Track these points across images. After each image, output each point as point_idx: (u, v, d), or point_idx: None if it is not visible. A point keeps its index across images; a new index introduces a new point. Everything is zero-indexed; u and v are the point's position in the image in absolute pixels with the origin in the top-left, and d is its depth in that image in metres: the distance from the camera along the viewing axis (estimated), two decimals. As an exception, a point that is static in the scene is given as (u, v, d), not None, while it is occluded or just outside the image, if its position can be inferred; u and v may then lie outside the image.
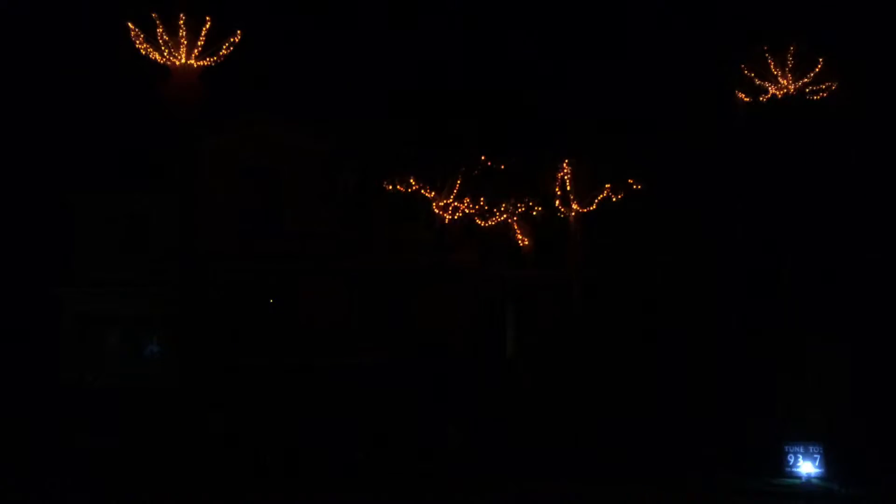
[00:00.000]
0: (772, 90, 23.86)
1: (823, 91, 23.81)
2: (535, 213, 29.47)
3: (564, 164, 28.51)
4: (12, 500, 18.09)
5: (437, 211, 28.32)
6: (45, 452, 22.18)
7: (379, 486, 19.28)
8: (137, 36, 23.47)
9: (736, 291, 28.80)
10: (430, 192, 28.20)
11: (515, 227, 30.30)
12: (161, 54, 23.55)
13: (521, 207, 29.44)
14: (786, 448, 19.95)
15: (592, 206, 28.63)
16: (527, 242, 30.62)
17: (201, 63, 23.78)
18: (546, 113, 31.54)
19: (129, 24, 23.37)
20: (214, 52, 23.83)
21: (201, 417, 23.40)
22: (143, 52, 23.57)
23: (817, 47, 23.66)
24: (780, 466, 19.88)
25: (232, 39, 23.83)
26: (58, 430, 23.82)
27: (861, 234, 27.38)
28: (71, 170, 31.94)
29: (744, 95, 24.18)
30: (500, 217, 29.45)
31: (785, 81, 23.76)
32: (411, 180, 28.10)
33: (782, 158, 24.01)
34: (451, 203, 28.31)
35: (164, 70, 23.79)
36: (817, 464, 19.65)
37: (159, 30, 23.45)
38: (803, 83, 23.58)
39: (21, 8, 33.58)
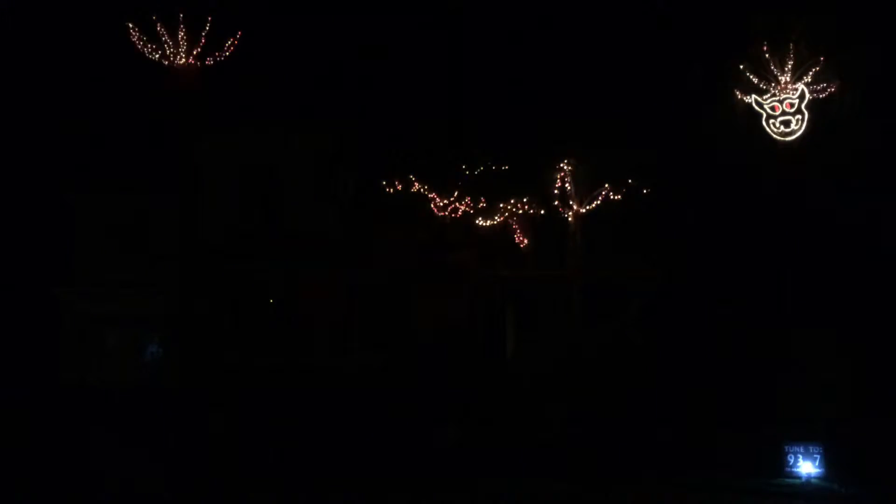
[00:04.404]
0: (772, 90, 23.82)
1: (823, 91, 23.78)
2: (535, 213, 29.47)
3: (564, 164, 28.51)
4: (12, 500, 18.09)
5: (437, 211, 28.32)
6: (45, 452, 22.16)
7: (378, 485, 19.28)
8: (137, 36, 23.48)
9: (736, 291, 28.79)
10: (430, 192, 28.19)
11: (515, 227, 30.29)
12: (161, 54, 23.56)
13: (521, 207, 29.44)
14: (786, 448, 19.93)
15: (592, 206, 28.63)
16: (527, 242, 30.62)
17: (201, 63, 23.79)
18: (546, 113, 31.56)
19: (129, 24, 23.38)
20: (214, 52, 23.83)
21: (201, 417, 23.40)
22: (144, 52, 23.57)
23: (817, 47, 23.63)
24: (780, 466, 19.87)
25: (232, 39, 23.83)
26: (58, 430, 23.81)
27: (863, 233, 27.38)
28: (71, 170, 31.96)
29: (744, 95, 24.13)
30: (500, 217, 29.45)
31: (785, 81, 23.72)
32: (411, 180, 28.10)
33: (782, 157, 23.99)
34: (451, 203, 28.31)
35: (164, 70, 23.80)
36: (817, 464, 19.63)
37: (159, 30, 23.45)
38: (803, 83, 23.54)
39: (21, 7, 33.59)
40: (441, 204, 28.26)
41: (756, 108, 23.92)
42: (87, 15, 32.21)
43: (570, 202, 28.54)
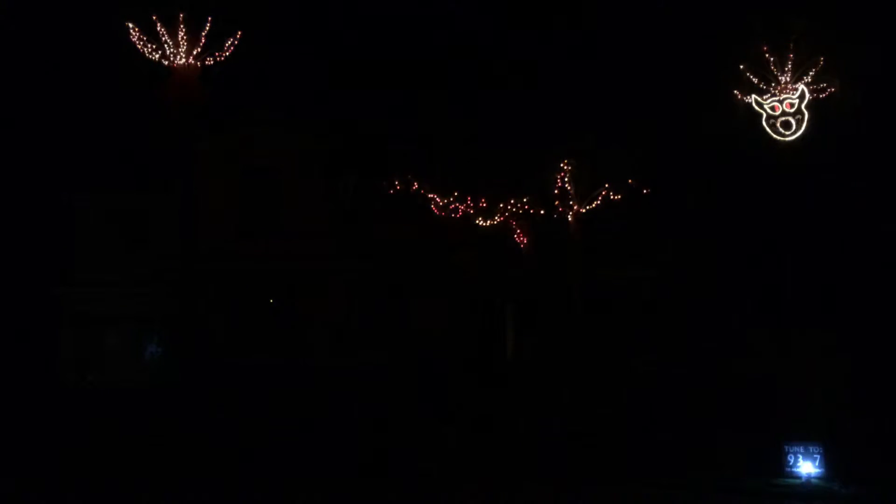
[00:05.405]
0: (772, 90, 23.82)
1: (823, 91, 23.79)
2: (535, 213, 29.46)
3: (564, 164, 28.49)
4: (12, 501, 18.09)
5: (437, 211, 28.34)
6: (45, 453, 22.16)
7: (378, 485, 19.28)
8: (137, 36, 23.47)
9: (736, 290, 28.80)
10: (430, 192, 28.22)
11: (515, 227, 30.29)
12: (161, 54, 23.55)
13: (521, 207, 29.44)
14: (786, 448, 19.92)
15: (592, 206, 28.61)
16: (527, 242, 30.60)
17: (201, 63, 23.78)
18: (547, 113, 31.55)
19: (129, 24, 23.37)
20: (214, 52, 23.82)
21: (201, 417, 23.39)
22: (143, 52, 23.56)
23: (817, 47, 23.63)
24: (780, 466, 19.87)
25: (232, 39, 23.82)
26: (57, 430, 23.80)
27: (863, 233, 27.38)
28: (71, 170, 31.97)
29: (744, 95, 24.14)
30: (500, 217, 29.46)
31: (785, 81, 23.73)
32: (411, 180, 28.13)
33: (782, 157, 23.98)
34: (451, 203, 28.33)
35: (164, 70, 23.78)
36: (817, 464, 19.62)
37: (159, 30, 23.44)
38: (803, 83, 23.55)
39: (21, 7, 33.59)
40: (441, 204, 28.28)
41: (756, 108, 23.91)
42: (88, 15, 32.21)
43: (570, 202, 28.52)
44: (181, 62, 23.55)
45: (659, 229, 30.06)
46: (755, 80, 23.97)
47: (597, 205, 28.59)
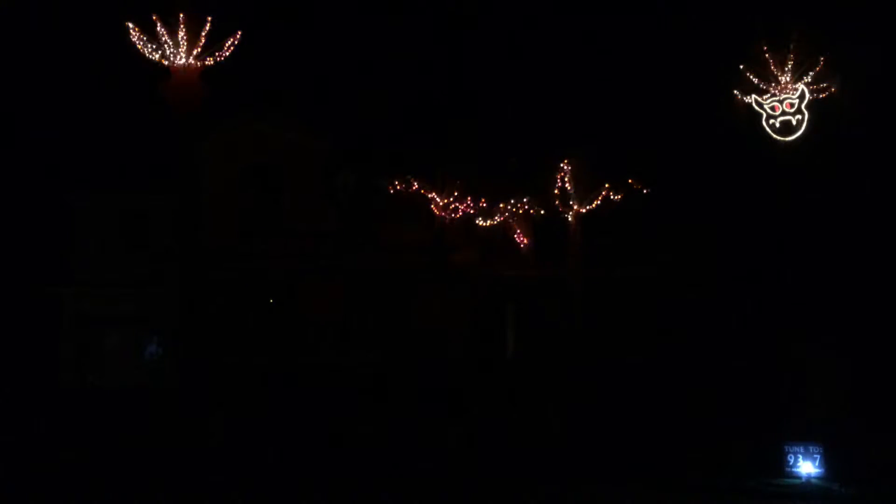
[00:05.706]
0: (772, 90, 23.81)
1: (823, 91, 23.77)
2: (535, 213, 29.46)
3: (564, 164, 28.49)
4: (12, 501, 18.09)
5: (437, 211, 28.34)
6: (45, 453, 22.16)
7: (379, 485, 19.28)
8: (137, 36, 23.47)
9: (736, 290, 28.79)
10: (430, 192, 28.23)
11: (515, 227, 30.29)
12: (161, 54, 23.55)
13: (521, 207, 29.44)
14: (786, 448, 19.93)
15: (592, 206, 28.60)
16: (527, 242, 30.60)
17: (201, 63, 23.78)
18: (547, 113, 31.58)
19: (129, 24, 23.37)
20: (214, 52, 23.82)
21: (201, 417, 23.39)
22: (143, 52, 23.56)
23: (817, 47, 23.61)
24: (780, 466, 19.87)
25: (232, 39, 23.82)
26: (57, 431, 23.80)
27: (863, 233, 27.38)
28: (71, 170, 31.99)
29: (744, 95, 24.13)
30: (500, 217, 29.46)
31: (785, 81, 23.71)
32: (411, 180, 28.14)
33: (782, 157, 23.96)
34: (451, 203, 28.33)
35: (164, 70, 23.78)
36: (817, 464, 19.64)
37: (159, 30, 23.44)
38: (804, 83, 23.53)
39: (21, 8, 33.62)
40: (441, 204, 28.28)
41: (756, 108, 23.88)
42: (88, 15, 32.24)
43: (570, 202, 28.51)
44: (181, 62, 23.54)
45: (659, 229, 30.03)
46: (755, 80, 23.95)
47: (597, 205, 28.56)
